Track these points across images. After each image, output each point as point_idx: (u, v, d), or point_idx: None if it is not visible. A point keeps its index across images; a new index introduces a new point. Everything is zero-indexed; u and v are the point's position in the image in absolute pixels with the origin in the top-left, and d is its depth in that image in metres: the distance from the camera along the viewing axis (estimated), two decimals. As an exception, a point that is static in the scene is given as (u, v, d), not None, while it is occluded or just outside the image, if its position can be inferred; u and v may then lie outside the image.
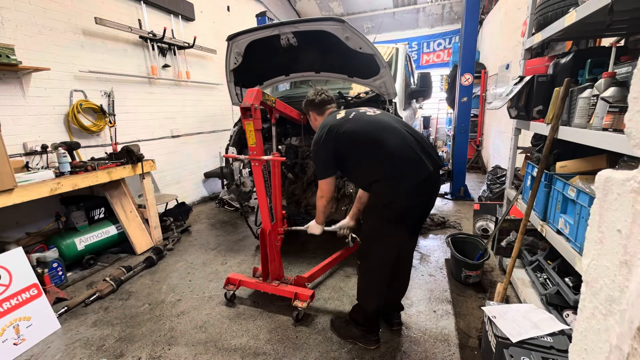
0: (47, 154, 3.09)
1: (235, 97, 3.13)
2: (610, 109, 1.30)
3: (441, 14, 8.65)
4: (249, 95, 2.01)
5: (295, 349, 1.97)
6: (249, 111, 1.98)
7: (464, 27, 4.45)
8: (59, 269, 2.75)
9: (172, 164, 4.78)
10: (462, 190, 4.82)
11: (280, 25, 2.43)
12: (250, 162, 2.17)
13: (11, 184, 2.25)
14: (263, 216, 2.26)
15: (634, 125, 0.50)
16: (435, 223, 3.78)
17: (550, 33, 1.92)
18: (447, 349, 1.92)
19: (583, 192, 1.46)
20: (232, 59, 2.76)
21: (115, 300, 2.58)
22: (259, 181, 2.16)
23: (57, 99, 3.26)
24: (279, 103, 2.35)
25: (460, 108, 4.71)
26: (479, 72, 6.51)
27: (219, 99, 5.71)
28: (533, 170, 2.08)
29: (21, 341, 2.06)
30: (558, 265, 1.97)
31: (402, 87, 3.43)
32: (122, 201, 3.37)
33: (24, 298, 2.15)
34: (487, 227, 3.35)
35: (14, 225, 2.94)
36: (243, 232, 3.89)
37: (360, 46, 2.40)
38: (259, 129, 2.07)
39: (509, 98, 2.20)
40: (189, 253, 3.40)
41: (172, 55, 4.62)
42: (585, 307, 0.58)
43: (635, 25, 1.75)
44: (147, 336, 2.14)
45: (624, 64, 1.50)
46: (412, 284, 2.62)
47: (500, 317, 1.62)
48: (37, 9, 3.05)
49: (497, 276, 2.65)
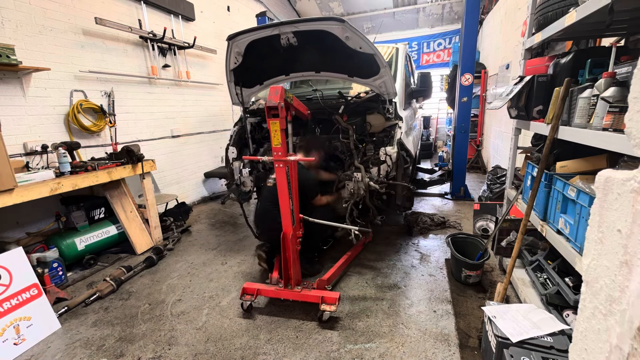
0: (48, 154, 3.09)
1: (235, 97, 3.13)
2: (611, 109, 1.30)
3: (441, 14, 8.65)
4: (274, 93, 1.93)
5: (295, 349, 1.97)
6: (275, 110, 1.90)
7: (464, 27, 4.45)
8: (59, 269, 2.75)
9: (172, 164, 4.78)
10: (462, 190, 4.82)
11: (280, 25, 2.43)
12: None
13: (11, 184, 2.25)
14: (284, 220, 2.21)
15: (634, 125, 0.50)
16: (436, 223, 3.78)
17: (550, 33, 1.92)
18: (447, 349, 1.92)
19: (583, 192, 1.46)
20: (232, 58, 2.76)
21: (116, 300, 2.58)
22: (282, 183, 2.10)
23: (57, 99, 3.26)
24: (295, 100, 2.30)
25: (460, 108, 4.70)
26: (479, 72, 6.50)
27: (219, 99, 5.71)
28: (533, 170, 2.08)
29: (21, 341, 2.06)
30: (558, 265, 1.97)
31: (402, 87, 3.43)
32: (122, 201, 3.37)
33: (24, 298, 2.15)
34: (487, 227, 3.35)
35: (14, 225, 2.94)
36: (243, 232, 3.89)
37: (361, 46, 2.40)
38: (284, 129, 2.02)
39: (509, 98, 2.19)
40: (189, 253, 3.40)
41: (172, 55, 4.62)
42: (585, 307, 0.58)
43: (635, 25, 1.74)
44: (147, 336, 2.14)
45: (624, 64, 1.50)
46: (412, 283, 2.62)
47: (500, 317, 1.62)
48: (37, 9, 3.05)
49: (497, 276, 2.65)
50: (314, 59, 2.82)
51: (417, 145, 4.87)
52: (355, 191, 2.74)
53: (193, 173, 5.24)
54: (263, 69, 3.06)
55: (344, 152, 2.99)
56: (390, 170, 2.83)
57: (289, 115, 2.29)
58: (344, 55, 2.56)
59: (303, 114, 2.59)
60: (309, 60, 2.86)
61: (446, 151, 7.31)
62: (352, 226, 2.46)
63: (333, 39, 2.38)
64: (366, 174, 2.75)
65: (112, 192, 3.30)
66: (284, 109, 1.98)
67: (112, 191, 3.30)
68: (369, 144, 2.95)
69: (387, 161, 2.80)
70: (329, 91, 3.43)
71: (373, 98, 3.00)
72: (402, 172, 2.92)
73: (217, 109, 5.70)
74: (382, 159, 2.81)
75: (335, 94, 3.12)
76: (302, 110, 2.51)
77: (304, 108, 2.53)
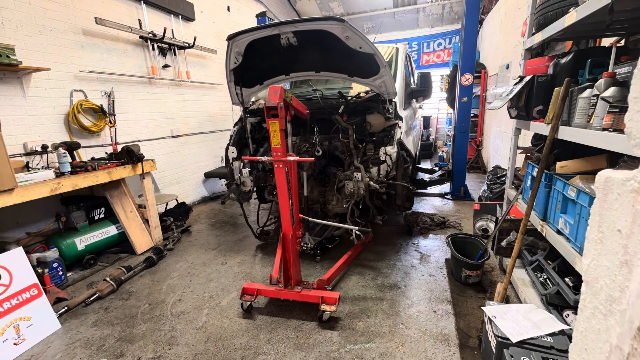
0: (48, 154, 3.09)
1: (235, 97, 3.13)
2: (611, 109, 1.30)
3: (441, 14, 8.65)
4: (273, 93, 1.92)
5: (295, 349, 1.97)
6: (274, 110, 1.90)
7: (464, 27, 4.45)
8: (59, 269, 2.75)
9: (172, 164, 4.78)
10: (462, 190, 4.83)
11: (280, 24, 2.43)
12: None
13: (11, 184, 2.25)
14: (284, 220, 2.20)
15: (634, 125, 0.50)
16: (436, 223, 3.78)
17: (551, 33, 1.92)
18: (447, 349, 1.92)
19: (583, 192, 1.46)
20: (232, 58, 2.76)
21: (116, 300, 2.58)
22: (282, 183, 2.09)
23: (57, 99, 3.26)
24: (294, 99, 2.31)
25: (460, 108, 4.71)
26: (479, 72, 6.50)
27: (219, 99, 5.71)
28: (533, 170, 2.08)
29: (21, 341, 2.06)
30: (558, 265, 1.97)
31: (402, 86, 3.43)
32: (123, 201, 3.37)
33: (24, 298, 2.15)
34: (487, 227, 3.35)
35: (14, 225, 2.94)
36: (243, 232, 3.89)
37: (360, 45, 2.40)
38: (283, 129, 2.02)
39: (509, 98, 2.19)
40: (189, 253, 3.40)
41: (172, 55, 4.62)
42: (585, 307, 0.58)
43: (635, 25, 1.74)
44: (147, 336, 2.14)
45: (624, 64, 1.50)
46: (412, 283, 2.62)
47: (500, 317, 1.62)
48: (37, 9, 3.05)
49: (497, 276, 2.65)
50: (314, 58, 2.82)
51: (417, 145, 4.87)
52: (355, 191, 2.74)
53: (193, 173, 5.24)
54: (263, 69, 3.05)
55: (344, 152, 2.99)
56: (390, 170, 2.83)
57: (288, 115, 2.28)
58: (344, 55, 2.56)
59: (302, 114, 2.59)
60: (309, 60, 2.86)
61: (446, 151, 7.31)
62: (352, 226, 2.47)
63: (333, 39, 2.38)
64: (366, 174, 2.75)
65: (112, 192, 3.30)
66: (284, 109, 1.97)
67: (112, 191, 3.30)
68: (368, 143, 2.95)
69: (387, 161, 2.80)
70: (329, 91, 3.43)
71: (373, 98, 3.00)
72: (402, 172, 2.93)
73: (217, 109, 5.70)
74: (382, 158, 2.81)
75: (335, 93, 3.12)
76: (302, 110, 2.51)
77: (303, 108, 2.53)
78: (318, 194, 3.26)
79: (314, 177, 3.24)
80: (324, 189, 3.25)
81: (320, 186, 3.28)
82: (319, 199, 3.25)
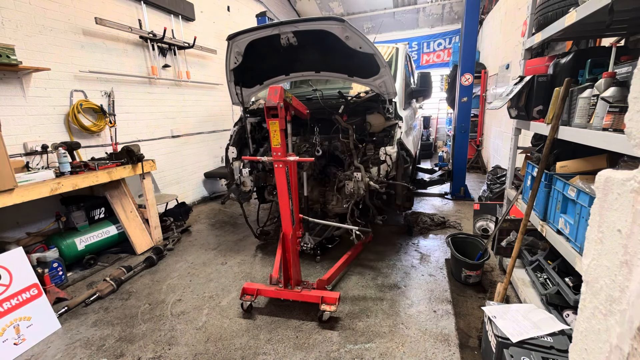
0: (48, 154, 3.09)
1: (235, 97, 3.13)
2: (611, 109, 1.30)
3: (441, 14, 8.65)
4: (273, 93, 1.93)
5: (295, 349, 1.97)
6: (274, 110, 1.90)
7: (464, 27, 4.45)
8: (59, 269, 2.75)
9: (172, 164, 4.78)
10: (462, 190, 4.82)
11: (280, 24, 2.43)
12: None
13: (11, 184, 2.25)
14: (284, 220, 2.21)
15: (634, 125, 0.50)
16: (435, 223, 3.78)
17: (551, 33, 1.92)
18: (447, 349, 1.92)
19: (583, 192, 1.46)
20: (232, 58, 2.76)
21: (116, 300, 2.58)
22: (282, 184, 2.09)
23: (57, 99, 3.26)
24: (294, 99, 2.31)
25: (460, 108, 4.71)
26: (479, 72, 6.50)
27: (219, 99, 5.71)
28: (533, 170, 2.08)
29: (21, 341, 2.06)
30: (558, 265, 1.97)
31: (402, 86, 3.43)
32: (123, 201, 3.37)
33: (24, 298, 2.15)
34: (487, 227, 3.35)
35: (14, 225, 2.94)
36: (243, 232, 3.89)
37: (360, 45, 2.40)
38: (283, 129, 2.02)
39: (509, 98, 2.19)
40: (189, 253, 3.40)
41: (172, 55, 4.62)
42: (585, 307, 0.58)
43: (635, 25, 1.75)
44: (147, 336, 2.14)
45: (624, 64, 1.50)
46: (412, 283, 2.62)
47: (500, 317, 1.62)
48: (37, 9, 3.05)
49: (497, 276, 2.65)
50: (314, 58, 2.82)
51: (417, 145, 4.87)
52: (355, 191, 2.74)
53: (193, 173, 5.24)
54: (263, 69, 3.05)
55: (344, 152, 2.99)
56: (390, 170, 2.84)
57: (288, 115, 2.28)
58: (344, 55, 2.56)
59: (302, 114, 2.59)
60: (309, 60, 2.86)
61: (446, 151, 7.31)
62: (352, 226, 2.47)
63: (333, 39, 2.38)
64: (366, 174, 2.75)
65: (112, 192, 3.30)
66: (283, 109, 1.97)
67: (112, 191, 3.30)
68: (368, 143, 2.95)
69: (387, 161, 2.80)
70: (329, 91, 3.43)
71: (373, 98, 3.00)
72: (402, 172, 2.93)
73: (217, 109, 5.70)
74: (382, 158, 2.81)
75: (335, 93, 3.12)
76: (302, 110, 2.51)
77: (303, 108, 2.53)
78: (318, 194, 3.26)
79: (314, 177, 3.25)
80: (324, 189, 3.25)
81: (320, 186, 3.28)
82: (319, 199, 3.26)
